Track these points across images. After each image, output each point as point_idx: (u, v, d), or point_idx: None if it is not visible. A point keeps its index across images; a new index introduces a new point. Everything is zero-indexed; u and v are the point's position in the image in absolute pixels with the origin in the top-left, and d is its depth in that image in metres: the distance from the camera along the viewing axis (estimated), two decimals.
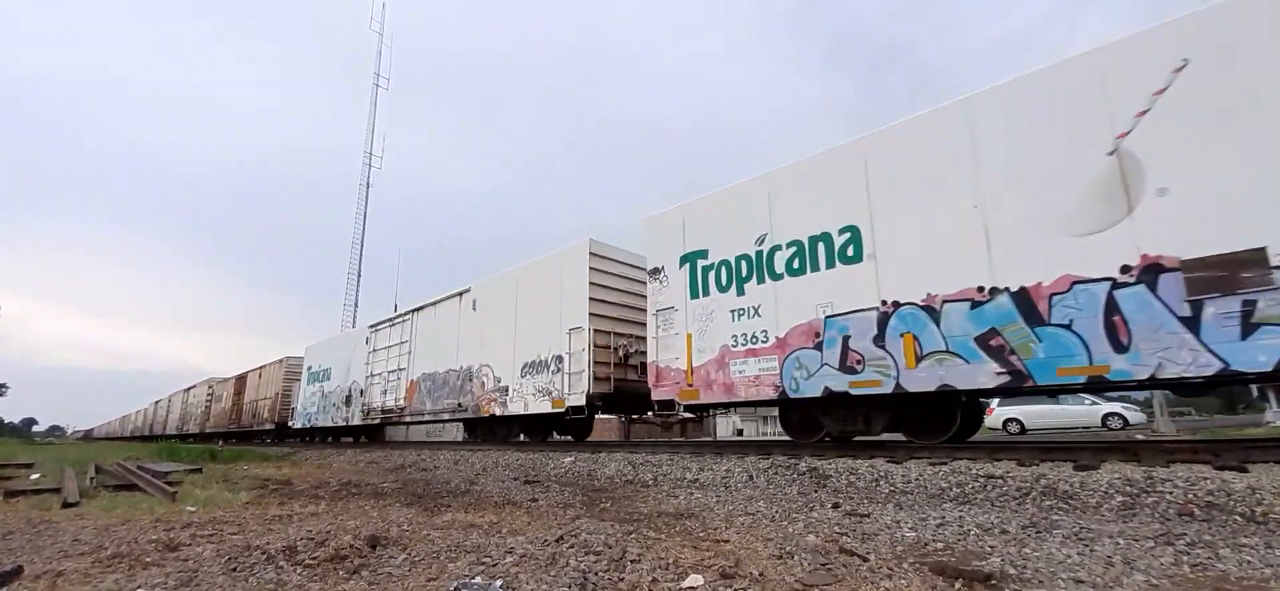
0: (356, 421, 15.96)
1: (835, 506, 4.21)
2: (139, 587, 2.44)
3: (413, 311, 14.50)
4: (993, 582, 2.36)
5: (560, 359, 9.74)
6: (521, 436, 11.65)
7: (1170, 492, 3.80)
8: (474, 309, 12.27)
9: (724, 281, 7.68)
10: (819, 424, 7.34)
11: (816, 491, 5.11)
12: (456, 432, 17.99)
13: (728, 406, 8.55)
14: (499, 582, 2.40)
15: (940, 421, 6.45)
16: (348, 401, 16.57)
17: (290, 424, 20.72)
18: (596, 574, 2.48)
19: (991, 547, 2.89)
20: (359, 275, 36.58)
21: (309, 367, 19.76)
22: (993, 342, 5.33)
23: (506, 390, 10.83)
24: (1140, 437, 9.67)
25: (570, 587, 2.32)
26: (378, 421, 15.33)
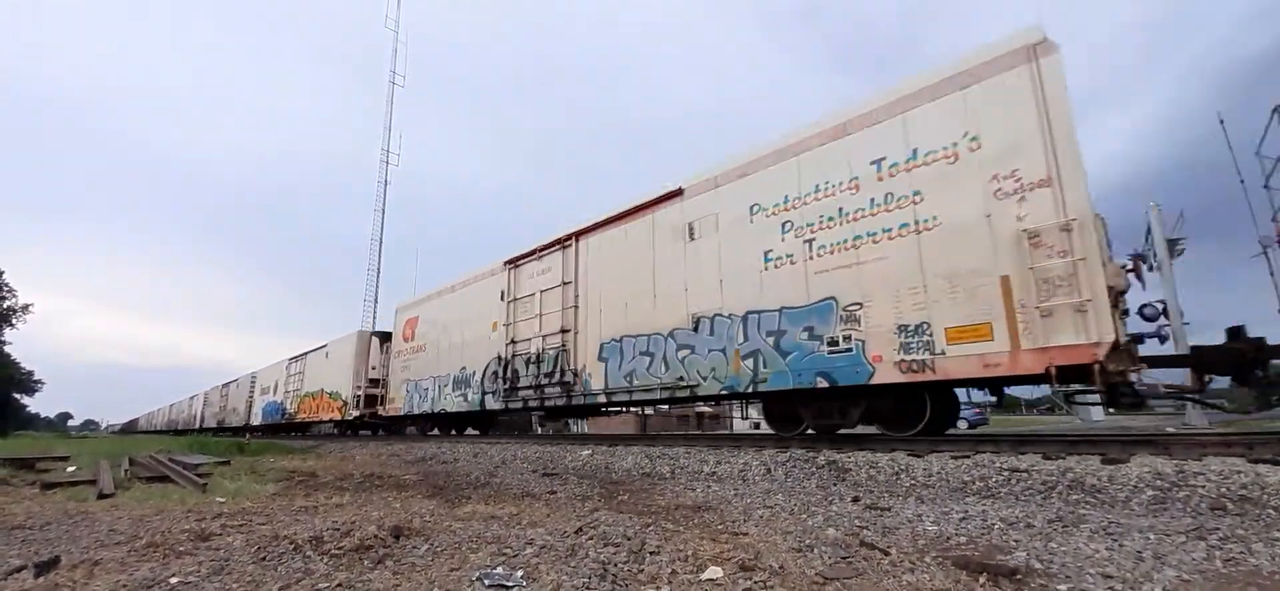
0: (489, 405, 11.22)
1: (855, 500, 4.18)
2: (173, 576, 2.51)
3: (571, 237, 9.98)
4: (1018, 577, 2.33)
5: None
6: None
7: (1203, 486, 3.70)
8: (691, 237, 7.91)
9: None
10: None
11: (836, 485, 5.07)
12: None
13: None
14: (520, 573, 2.43)
15: None
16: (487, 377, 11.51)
17: (384, 411, 16.13)
18: (616, 565, 2.49)
19: (1016, 542, 2.84)
20: (378, 272, 37.09)
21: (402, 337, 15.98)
22: None
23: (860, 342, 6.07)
24: (1171, 431, 9.44)
25: (590, 578, 2.34)
26: (560, 402, 9.78)
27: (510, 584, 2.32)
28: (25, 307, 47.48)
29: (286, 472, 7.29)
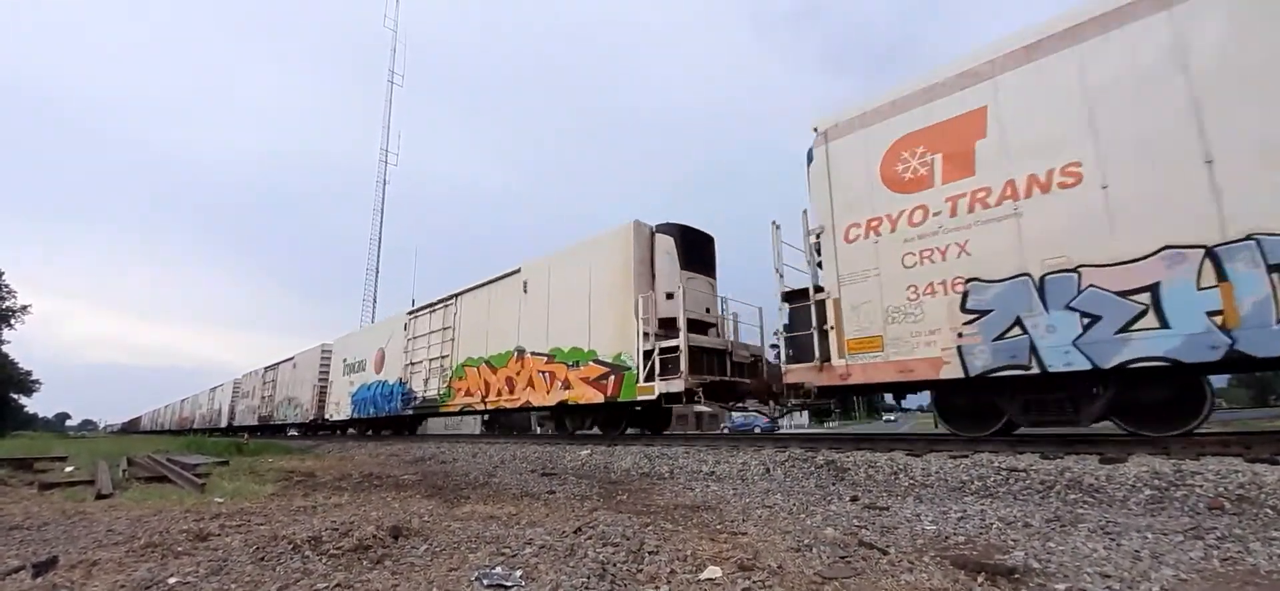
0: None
1: (854, 499, 4.19)
2: (171, 577, 2.50)
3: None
4: (1016, 576, 2.33)
5: None
6: None
7: (1200, 486, 3.72)
8: None
9: None
10: None
11: (834, 484, 5.08)
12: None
13: None
14: (519, 572, 2.43)
15: None
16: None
17: (861, 371, 6.31)
18: (615, 564, 2.49)
19: (1014, 541, 2.85)
20: (377, 271, 37.08)
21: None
22: None
23: None
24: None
25: (589, 578, 2.34)
26: None
27: (509, 583, 2.32)
28: (23, 308, 47.41)
29: (285, 473, 7.29)
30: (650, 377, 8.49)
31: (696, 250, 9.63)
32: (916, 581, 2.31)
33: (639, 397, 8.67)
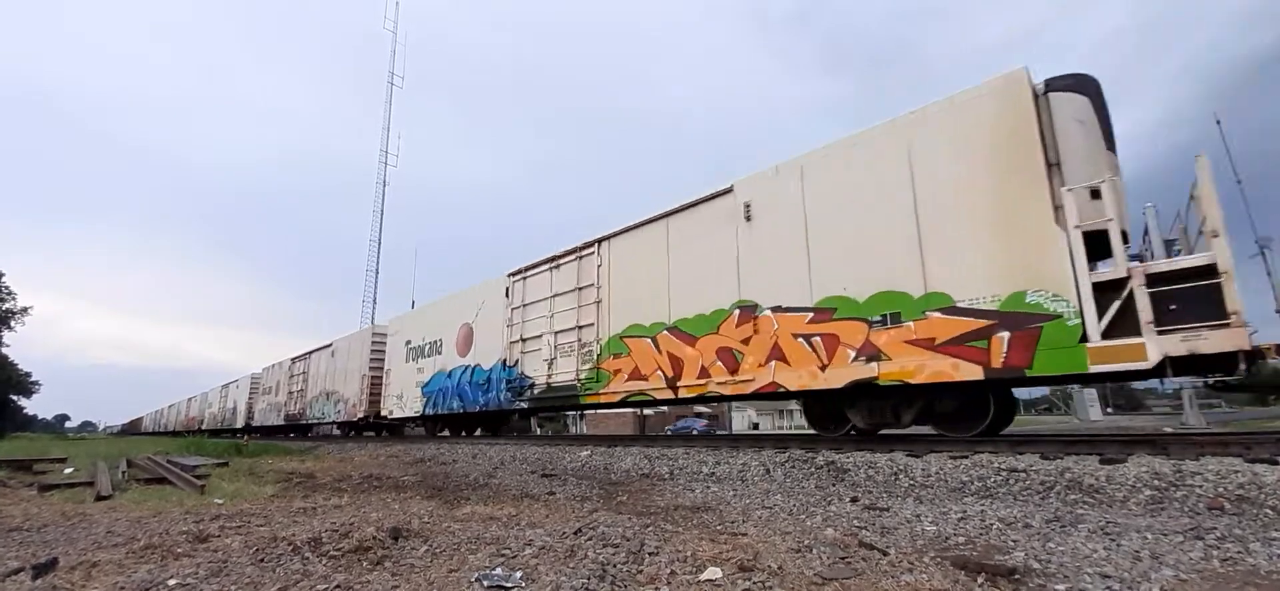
0: None
1: (854, 500, 4.19)
2: (171, 578, 2.50)
3: None
4: (1016, 577, 2.33)
5: None
6: None
7: (1200, 486, 3.71)
8: None
9: None
10: None
11: (834, 485, 5.08)
12: None
13: None
14: (519, 573, 2.43)
15: None
16: None
17: None
18: (615, 566, 2.49)
19: (1015, 542, 2.85)
20: (377, 272, 37.02)
21: None
22: None
23: None
24: (1169, 431, 9.46)
25: (589, 579, 2.34)
26: None
27: (509, 584, 2.32)
28: (24, 311, 47.34)
29: (284, 474, 7.29)
30: (1120, 329, 4.71)
31: (1110, 124, 5.66)
32: (917, 582, 2.31)
33: (1094, 366, 4.79)
